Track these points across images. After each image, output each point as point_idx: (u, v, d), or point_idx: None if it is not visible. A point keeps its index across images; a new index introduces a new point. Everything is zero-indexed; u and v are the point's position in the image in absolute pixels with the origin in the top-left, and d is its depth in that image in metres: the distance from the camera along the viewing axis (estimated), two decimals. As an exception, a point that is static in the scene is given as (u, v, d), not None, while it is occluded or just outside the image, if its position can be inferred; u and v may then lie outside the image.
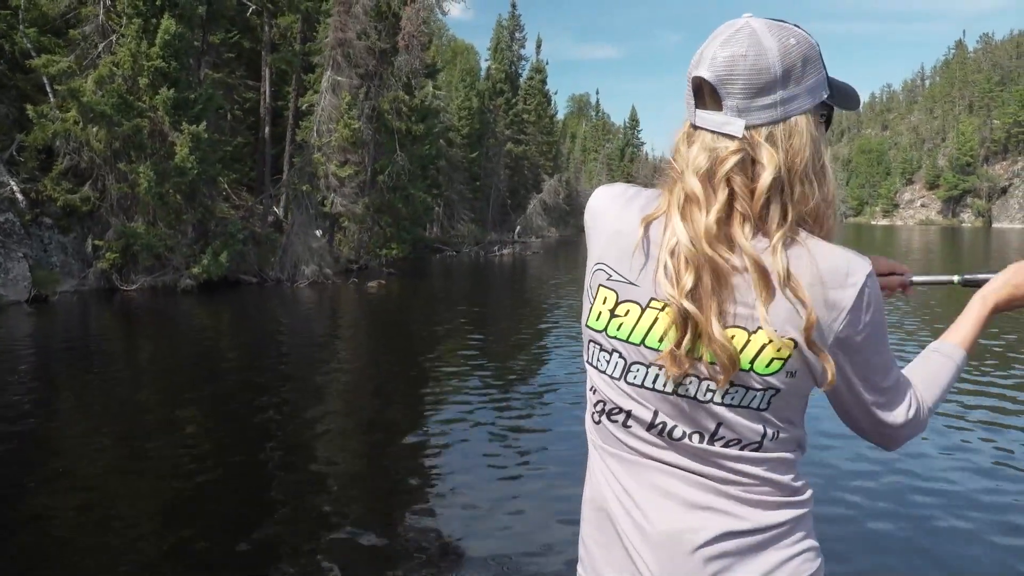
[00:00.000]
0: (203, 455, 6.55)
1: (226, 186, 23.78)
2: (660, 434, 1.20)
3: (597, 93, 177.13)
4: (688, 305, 1.10)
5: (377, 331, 14.63)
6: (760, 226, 1.12)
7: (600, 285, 1.22)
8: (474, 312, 16.98)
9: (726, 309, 1.12)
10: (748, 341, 1.12)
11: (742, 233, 1.11)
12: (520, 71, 65.04)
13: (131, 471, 6.18)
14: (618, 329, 1.19)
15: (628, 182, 1.30)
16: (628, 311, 1.18)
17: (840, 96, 1.22)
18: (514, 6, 62.72)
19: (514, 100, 61.46)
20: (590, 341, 1.25)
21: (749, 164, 1.13)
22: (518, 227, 53.20)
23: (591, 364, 1.27)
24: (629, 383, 1.20)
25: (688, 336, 1.12)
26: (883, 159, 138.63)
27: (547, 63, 68.84)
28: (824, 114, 1.21)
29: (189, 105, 17.99)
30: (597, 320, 1.22)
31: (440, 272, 27.51)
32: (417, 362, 11.08)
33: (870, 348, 1.17)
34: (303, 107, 21.74)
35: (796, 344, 1.11)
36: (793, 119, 1.14)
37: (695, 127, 1.18)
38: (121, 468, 6.27)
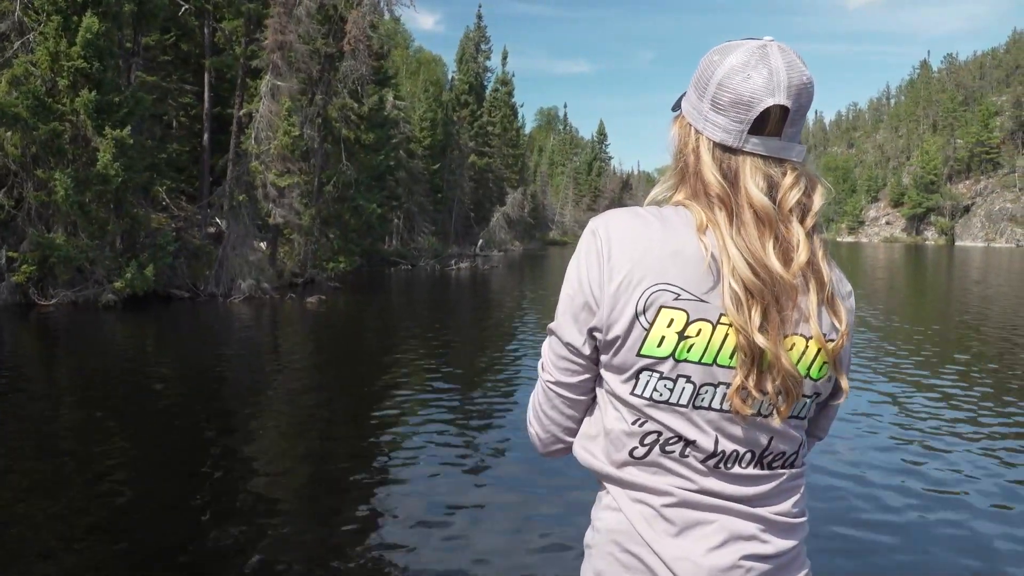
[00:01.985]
0: (122, 480, 6.14)
1: (164, 196, 22.70)
2: (717, 464, 1.20)
3: (565, 107, 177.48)
4: (760, 339, 1.13)
5: (308, 349, 13.69)
6: (810, 245, 1.18)
7: (663, 307, 1.16)
8: (417, 329, 16.05)
9: (788, 323, 1.17)
10: (806, 347, 1.18)
11: (806, 250, 1.17)
12: (486, 83, 64.49)
13: (44, 496, 5.70)
14: (689, 351, 1.16)
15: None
16: (700, 330, 1.16)
17: None
18: (480, 17, 62.36)
19: (479, 112, 60.88)
20: (642, 370, 1.19)
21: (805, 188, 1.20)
22: (481, 240, 52.30)
23: (641, 396, 1.20)
24: (697, 407, 1.18)
25: (756, 369, 1.14)
26: (849, 176, 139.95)
27: (513, 75, 68.42)
28: None
29: (114, 108, 16.88)
30: (659, 346, 1.17)
31: (391, 287, 26.49)
32: (350, 382, 10.44)
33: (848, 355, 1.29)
34: (241, 114, 20.65)
35: (832, 348, 1.20)
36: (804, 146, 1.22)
37: (731, 149, 1.20)
38: (33, 494, 5.78)
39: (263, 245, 22.86)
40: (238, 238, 19.19)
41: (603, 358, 1.24)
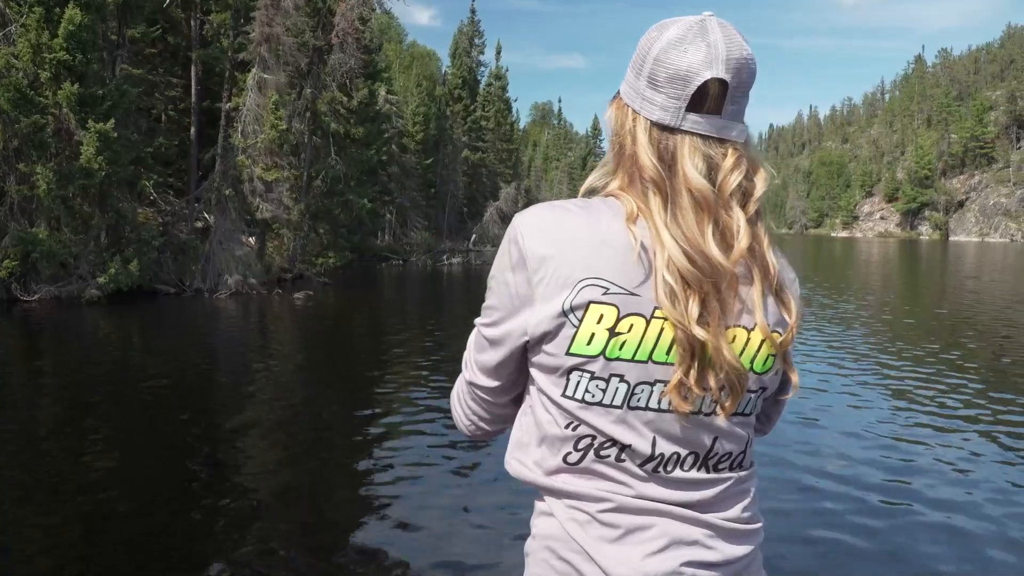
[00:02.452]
0: (108, 477, 6.04)
1: (151, 190, 22.44)
2: (655, 468, 1.14)
3: (559, 101, 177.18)
4: (699, 332, 1.07)
5: (295, 345, 13.51)
6: (753, 232, 1.13)
7: (591, 303, 1.09)
8: (405, 326, 15.88)
9: (730, 314, 1.11)
10: (748, 339, 1.13)
11: (747, 236, 1.11)
12: (479, 77, 64.25)
13: (27, 494, 5.62)
14: (621, 348, 1.09)
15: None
16: (632, 326, 1.09)
17: None
18: (473, 11, 62.03)
19: (472, 106, 60.66)
20: (573, 370, 1.12)
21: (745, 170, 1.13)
22: (474, 235, 52.05)
23: (572, 398, 1.13)
24: (632, 408, 1.12)
25: (697, 364, 1.08)
26: (843, 171, 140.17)
27: (507, 70, 68.11)
28: None
29: (97, 101, 16.64)
30: (589, 344, 1.10)
31: (381, 282, 26.27)
32: (336, 378, 10.30)
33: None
34: (228, 108, 20.41)
35: (780, 341, 1.15)
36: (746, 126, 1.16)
37: (669, 128, 1.13)
38: (16, 491, 5.68)
39: (252, 240, 22.65)
40: (225, 233, 18.96)
41: (533, 358, 1.17)
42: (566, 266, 1.10)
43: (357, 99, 23.40)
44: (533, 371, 1.18)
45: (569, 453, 1.15)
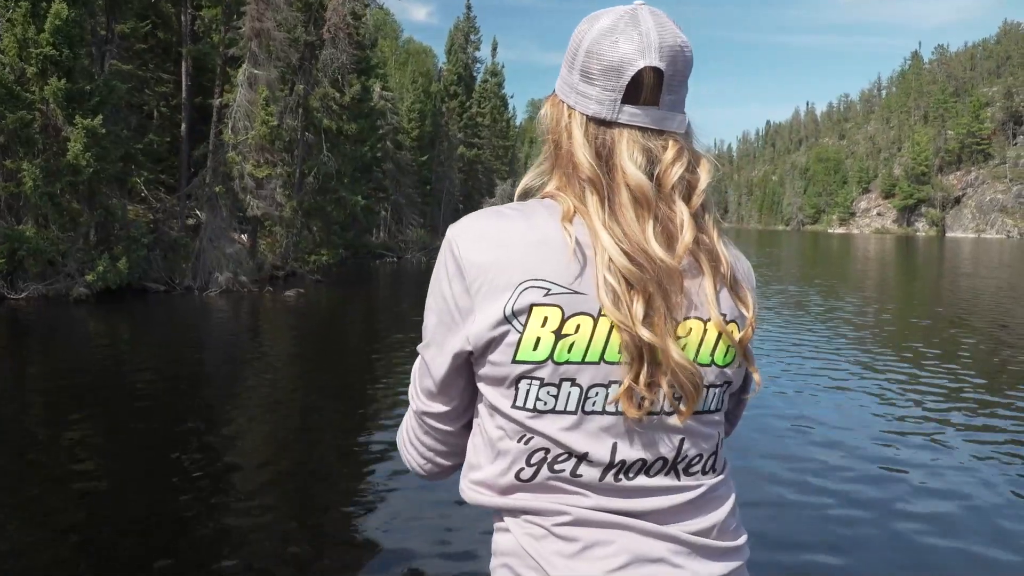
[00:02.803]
0: (97, 477, 5.98)
1: (143, 187, 22.24)
2: (616, 476, 1.07)
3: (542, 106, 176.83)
4: (645, 333, 1.01)
5: (284, 343, 13.38)
6: (700, 225, 1.10)
7: (534, 305, 1.03)
8: (395, 323, 15.71)
9: (678, 310, 1.06)
10: (705, 332, 1.09)
11: (691, 231, 1.07)
12: (475, 74, 64.03)
13: (14, 495, 5.55)
14: (569, 351, 1.03)
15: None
16: (579, 326, 1.03)
17: None
18: (469, 7, 61.76)
19: (468, 103, 60.44)
20: (521, 378, 1.05)
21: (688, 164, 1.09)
22: (469, 232, 51.71)
23: (523, 407, 1.06)
24: (588, 413, 1.05)
25: (646, 367, 1.03)
26: (840, 168, 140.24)
27: (503, 66, 67.85)
28: None
29: (85, 97, 16.44)
30: (536, 349, 1.04)
31: (375, 280, 26.11)
32: (326, 376, 10.27)
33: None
34: (218, 103, 20.21)
35: (739, 337, 1.11)
36: (687, 116, 1.12)
37: (603, 121, 1.09)
38: (2, 492, 5.61)
39: (244, 237, 22.47)
40: (215, 230, 18.77)
41: (479, 371, 1.10)
42: (505, 270, 1.05)
43: (350, 95, 23.15)
44: (481, 385, 1.11)
45: (522, 469, 1.08)
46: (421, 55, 67.48)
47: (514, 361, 1.05)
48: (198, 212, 21.61)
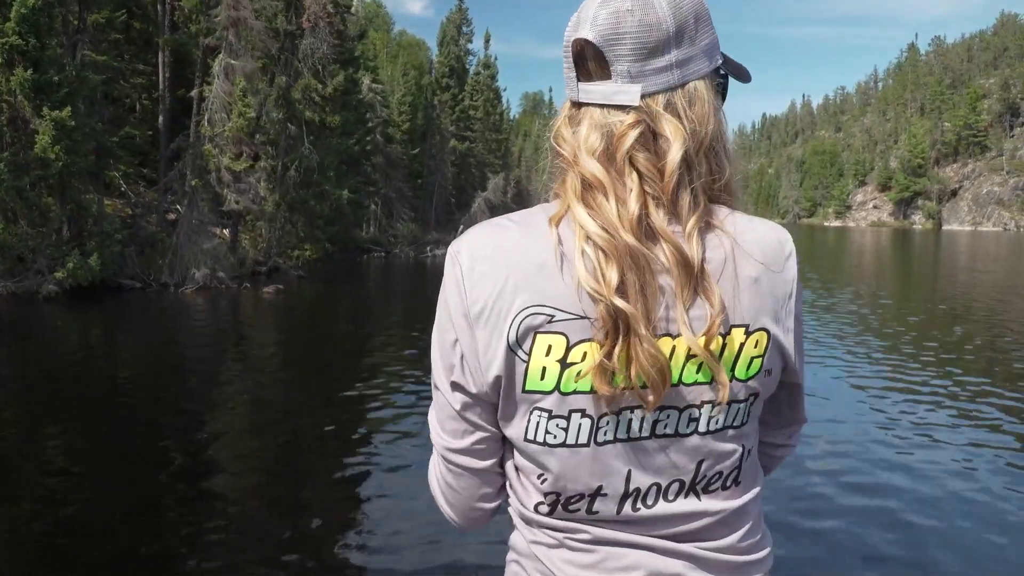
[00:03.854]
0: (70, 480, 5.80)
1: (121, 181, 21.76)
2: (634, 504, 1.03)
3: (551, 90, 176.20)
4: (619, 302, 0.94)
5: (258, 341, 12.96)
6: (672, 210, 0.99)
7: (537, 333, 0.98)
8: (375, 319, 15.28)
9: (660, 313, 0.97)
10: (724, 344, 1.00)
11: (638, 206, 0.98)
12: (468, 66, 63.54)
13: None
14: (577, 379, 0.98)
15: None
16: (586, 354, 0.98)
17: (732, 65, 1.11)
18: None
19: (460, 96, 59.92)
20: (532, 410, 1.01)
21: (651, 139, 0.99)
22: (461, 227, 51.36)
23: (534, 441, 1.02)
24: (600, 444, 1.01)
25: (620, 340, 0.95)
26: (836, 160, 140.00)
27: (496, 59, 67.43)
28: (720, 82, 1.08)
29: (53, 88, 15.94)
30: (542, 379, 0.99)
31: (360, 275, 25.63)
32: (301, 374, 10.09)
33: (801, 321, 1.11)
34: (196, 95, 19.70)
35: (769, 334, 1.03)
36: (692, 84, 1.02)
37: (578, 104, 1.04)
38: None
39: (225, 232, 21.99)
40: (193, 225, 18.29)
41: (493, 402, 1.05)
42: (505, 294, 0.99)
43: (332, 86, 22.60)
44: (497, 415, 1.06)
45: (540, 504, 1.06)
46: (414, 48, 66.92)
47: (524, 392, 1.00)
48: (179, 207, 21.13)
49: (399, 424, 7.37)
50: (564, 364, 0.98)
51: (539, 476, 1.04)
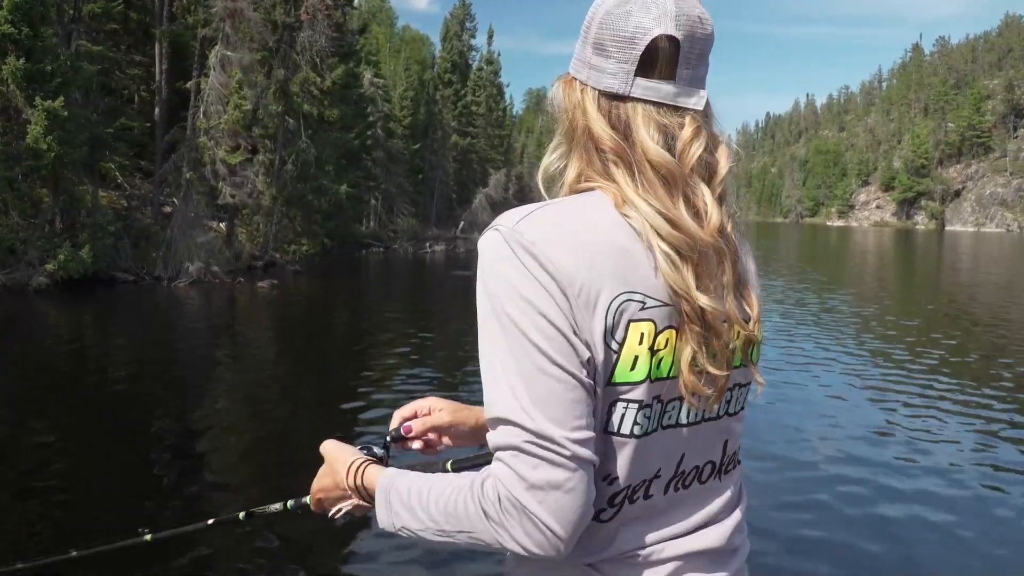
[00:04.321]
0: (61, 474, 5.68)
1: (117, 173, 21.53)
2: (676, 486, 1.05)
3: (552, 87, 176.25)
4: (703, 300, 0.97)
5: (248, 336, 12.80)
6: (719, 209, 1.02)
7: (631, 321, 0.97)
8: (370, 315, 15.08)
9: (725, 288, 1.02)
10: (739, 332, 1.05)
11: (716, 213, 1.01)
12: (471, 62, 63.25)
13: None
14: (658, 367, 0.99)
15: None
16: (668, 340, 0.99)
17: None
18: (465, -7, 60.71)
19: (463, 91, 59.63)
20: (616, 402, 0.98)
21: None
22: (462, 223, 51.10)
23: (615, 433, 0.99)
24: (665, 427, 1.02)
25: (704, 336, 0.98)
26: (839, 160, 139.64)
27: (499, 54, 66.99)
28: None
29: (46, 77, 15.73)
30: (633, 369, 0.97)
31: (358, 270, 25.43)
32: (291, 370, 9.95)
33: None
34: (191, 86, 19.47)
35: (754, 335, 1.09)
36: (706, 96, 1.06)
37: (618, 97, 1.02)
38: None
39: (222, 226, 21.76)
40: (187, 218, 18.08)
41: None
42: (596, 281, 0.95)
43: (331, 79, 22.35)
44: None
45: (604, 510, 1.00)
46: (417, 43, 66.70)
47: (610, 384, 0.97)
48: (174, 200, 20.89)
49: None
50: (652, 352, 0.98)
51: (607, 477, 1.00)
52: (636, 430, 0.99)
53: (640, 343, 0.96)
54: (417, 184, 49.01)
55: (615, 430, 0.98)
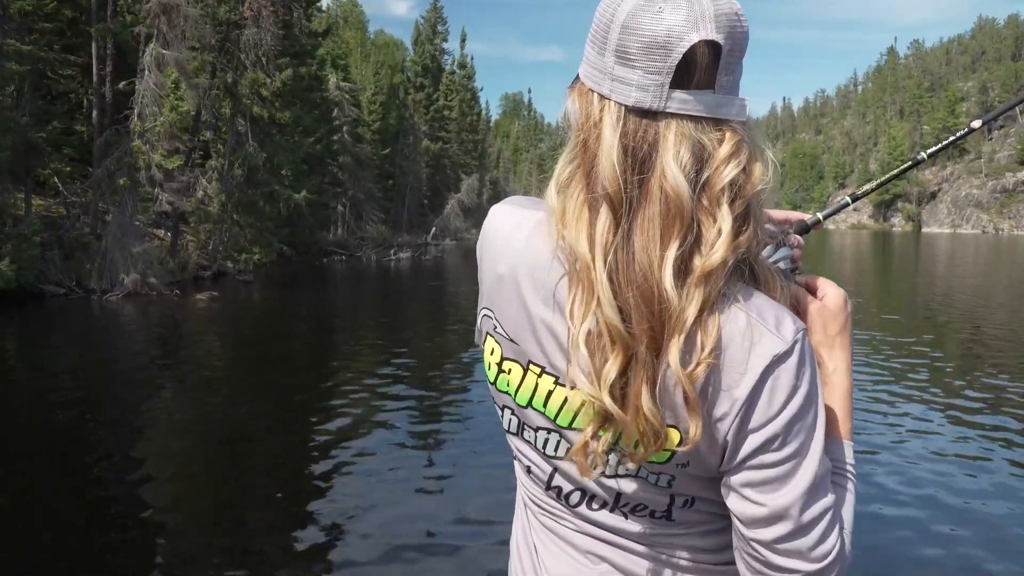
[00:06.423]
0: None
1: (56, 179, 20.37)
2: (557, 497, 1.07)
3: (530, 92, 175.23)
4: (609, 404, 0.88)
5: (176, 353, 11.73)
6: (734, 244, 0.90)
7: (487, 333, 1.05)
8: (313, 329, 14.03)
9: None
10: None
11: (723, 248, 0.88)
12: (444, 66, 62.33)
13: None
14: (507, 385, 1.03)
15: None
16: (511, 369, 1.02)
17: None
18: (435, -4, 59.83)
19: (435, 95, 58.71)
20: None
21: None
22: (434, 229, 50.08)
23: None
24: (525, 440, 1.06)
25: (611, 431, 0.91)
26: (816, 163, 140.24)
27: (472, 58, 66.32)
28: None
29: (-39, 78, 14.62)
30: (488, 370, 1.06)
31: (315, 280, 24.30)
32: (214, 389, 9.13)
33: None
34: (123, 87, 18.35)
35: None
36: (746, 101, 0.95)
37: (651, 113, 0.89)
38: None
39: (169, 235, 20.65)
40: (122, 227, 16.96)
41: None
42: (487, 280, 1.04)
43: (280, 80, 21.30)
44: None
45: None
46: (390, 47, 65.68)
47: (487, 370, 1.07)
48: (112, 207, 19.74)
49: (330, 435, 6.92)
50: (499, 368, 1.07)
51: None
52: (503, 424, 1.09)
53: (491, 355, 1.04)
54: (388, 190, 47.98)
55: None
